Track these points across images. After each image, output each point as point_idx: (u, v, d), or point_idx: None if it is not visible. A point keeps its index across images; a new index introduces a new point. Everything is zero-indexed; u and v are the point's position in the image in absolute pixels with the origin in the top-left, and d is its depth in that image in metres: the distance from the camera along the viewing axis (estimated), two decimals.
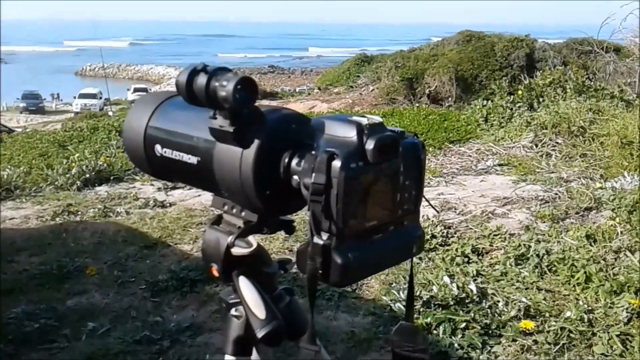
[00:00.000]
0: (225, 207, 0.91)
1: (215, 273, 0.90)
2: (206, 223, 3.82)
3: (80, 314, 2.67)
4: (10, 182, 4.93)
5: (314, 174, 0.74)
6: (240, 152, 0.80)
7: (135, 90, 41.92)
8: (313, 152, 0.77)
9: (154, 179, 5.24)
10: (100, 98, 37.74)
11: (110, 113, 29.08)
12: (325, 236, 0.75)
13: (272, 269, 0.94)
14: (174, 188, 4.90)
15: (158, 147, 0.93)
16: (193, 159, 0.88)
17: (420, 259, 3.08)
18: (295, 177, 0.79)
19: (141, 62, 66.46)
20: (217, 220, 0.92)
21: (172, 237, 3.60)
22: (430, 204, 0.98)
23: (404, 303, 2.53)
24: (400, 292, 2.64)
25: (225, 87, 0.76)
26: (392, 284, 2.80)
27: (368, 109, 15.07)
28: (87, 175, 5.16)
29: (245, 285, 0.88)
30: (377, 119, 0.78)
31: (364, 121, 0.77)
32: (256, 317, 0.86)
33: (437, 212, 3.40)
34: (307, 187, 0.75)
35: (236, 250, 0.87)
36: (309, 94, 23.51)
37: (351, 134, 0.76)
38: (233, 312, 0.94)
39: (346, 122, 0.77)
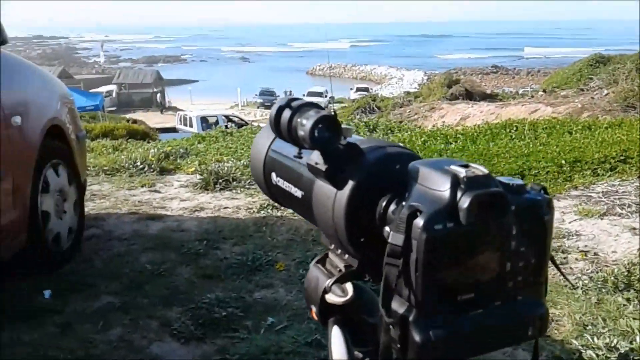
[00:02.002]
0: (332, 246, 0.85)
1: (315, 316, 0.85)
2: None
3: (264, 307, 2.84)
4: (229, 173, 5.47)
5: (391, 233, 0.64)
6: (334, 193, 0.74)
7: (358, 89, 43.96)
8: (404, 203, 0.67)
9: None
10: (326, 96, 40.25)
11: (332, 112, 30.89)
12: (404, 306, 0.64)
13: (378, 319, 0.86)
14: None
15: (273, 175, 0.91)
16: (298, 193, 0.84)
17: (627, 300, 2.65)
18: (387, 228, 0.69)
19: (363, 62, 69.36)
20: (323, 259, 0.87)
21: None
22: (564, 275, 0.80)
23: (597, 352, 2.21)
24: (596, 338, 2.30)
25: (304, 127, 0.71)
26: (587, 326, 2.45)
27: (599, 115, 13.61)
28: None
29: (336, 339, 0.81)
30: (482, 169, 0.64)
31: (462, 172, 0.63)
32: None
33: (572, 286, 2.73)
34: None
35: (330, 298, 0.81)
36: (532, 96, 22.13)
37: (444, 187, 0.64)
38: None
39: (441, 171, 0.65)
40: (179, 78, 61.12)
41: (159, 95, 42.59)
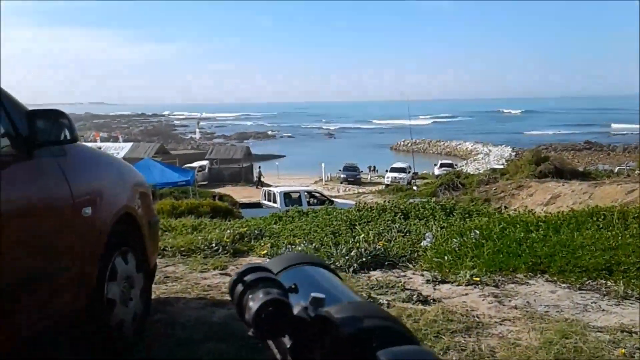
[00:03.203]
0: None
1: None
2: (462, 331, 3.56)
3: None
4: None
5: None
6: None
7: (442, 165, 43.54)
8: None
9: (426, 268, 5.19)
10: (409, 172, 40.08)
11: (415, 187, 30.68)
12: None
13: None
14: (443, 282, 4.76)
15: None
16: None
17: None
18: None
19: (446, 138, 69.20)
20: None
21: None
22: None
23: None
24: None
25: (251, 310, 0.64)
26: None
27: None
28: (364, 259, 5.38)
29: None
30: None
31: None
32: None
33: None
34: None
35: None
36: (629, 175, 20.97)
37: None
38: None
39: None
40: (267, 154, 63.47)
41: (257, 171, 44.45)
